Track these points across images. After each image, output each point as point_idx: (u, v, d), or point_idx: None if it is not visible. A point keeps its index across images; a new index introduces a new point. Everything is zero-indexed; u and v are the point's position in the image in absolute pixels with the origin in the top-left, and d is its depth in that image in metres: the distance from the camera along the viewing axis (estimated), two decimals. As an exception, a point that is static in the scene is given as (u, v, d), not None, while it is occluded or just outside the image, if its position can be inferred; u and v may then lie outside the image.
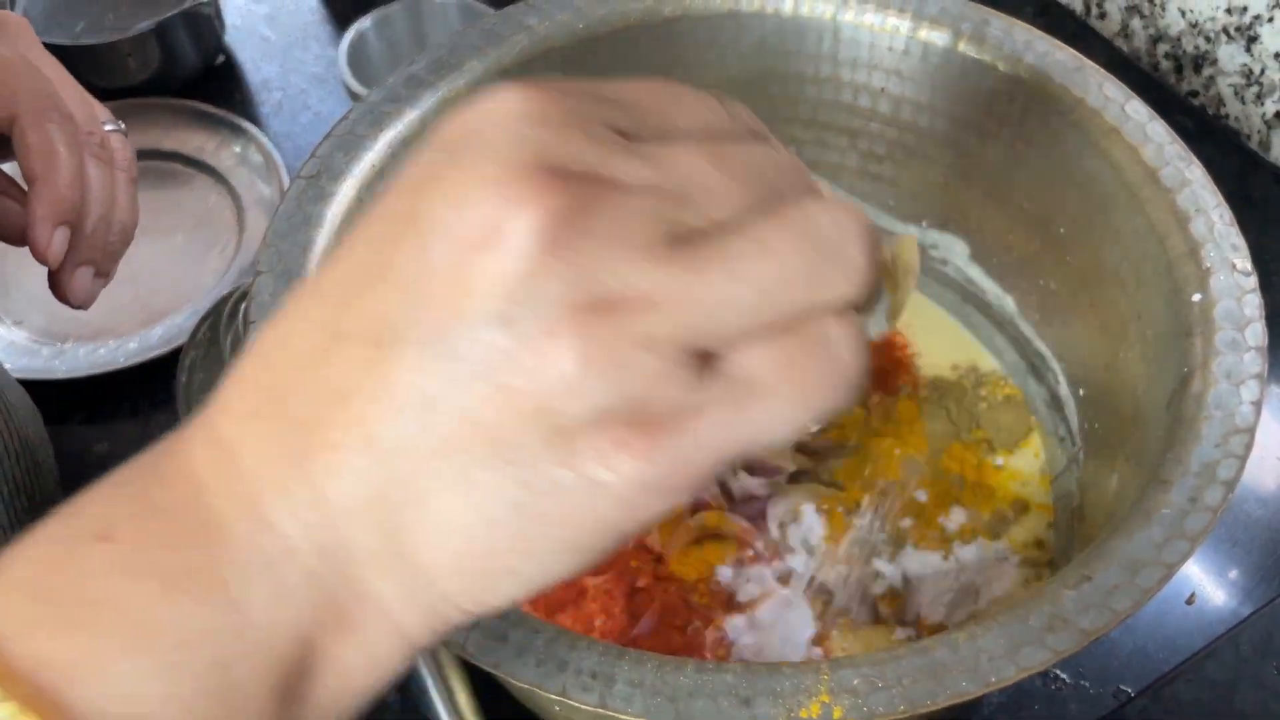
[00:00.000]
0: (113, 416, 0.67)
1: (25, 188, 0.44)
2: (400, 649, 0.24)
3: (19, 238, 0.46)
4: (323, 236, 0.48)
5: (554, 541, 0.22)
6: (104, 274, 0.47)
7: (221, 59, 0.89)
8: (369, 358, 0.21)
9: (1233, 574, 0.59)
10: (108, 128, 0.48)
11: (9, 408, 0.56)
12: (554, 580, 0.23)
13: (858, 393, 0.23)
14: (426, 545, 0.22)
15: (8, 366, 0.65)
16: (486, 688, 0.45)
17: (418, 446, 0.21)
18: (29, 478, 0.55)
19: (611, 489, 0.21)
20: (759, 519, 0.56)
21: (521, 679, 0.35)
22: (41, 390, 0.66)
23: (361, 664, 0.23)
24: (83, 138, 0.45)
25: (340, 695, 0.23)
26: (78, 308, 0.47)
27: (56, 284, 0.46)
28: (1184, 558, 0.38)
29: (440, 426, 0.21)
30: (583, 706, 0.35)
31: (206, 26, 0.84)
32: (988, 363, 0.63)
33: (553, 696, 0.35)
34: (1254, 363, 0.43)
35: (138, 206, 0.48)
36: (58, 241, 0.44)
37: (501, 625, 0.36)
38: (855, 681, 0.35)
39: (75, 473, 0.64)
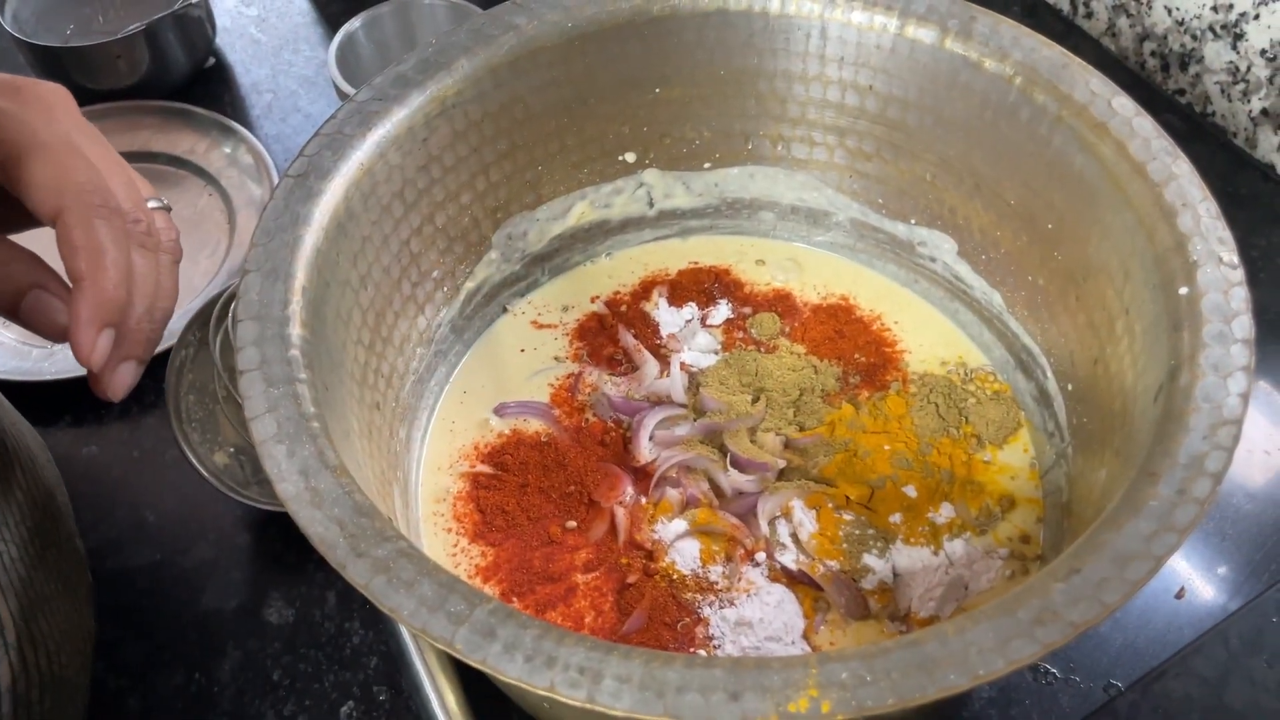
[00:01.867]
0: (102, 418, 0.67)
1: (68, 283, 0.41)
2: None
3: (60, 336, 0.43)
4: (311, 235, 0.48)
5: None
6: (144, 362, 0.44)
7: (212, 61, 0.89)
8: None
9: (1222, 569, 0.59)
10: (152, 205, 0.45)
11: (32, 458, 0.56)
12: None
13: None
14: None
15: (-4, 368, 0.65)
16: (479, 684, 0.45)
17: None
18: (53, 525, 0.55)
19: None
20: (749, 515, 0.56)
21: (510, 675, 0.35)
22: (30, 392, 0.66)
23: None
24: (130, 228, 0.42)
25: None
26: (115, 401, 0.45)
27: (97, 382, 0.43)
28: (1172, 550, 0.38)
29: None
30: (571, 702, 0.35)
31: (196, 28, 0.84)
32: (976, 358, 0.63)
33: (541, 692, 0.35)
34: (1241, 355, 0.43)
35: (178, 286, 0.46)
36: (102, 345, 0.41)
37: (490, 622, 0.36)
38: (844, 675, 0.35)
39: (65, 475, 0.63)
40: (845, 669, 0.35)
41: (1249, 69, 0.75)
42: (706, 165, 0.66)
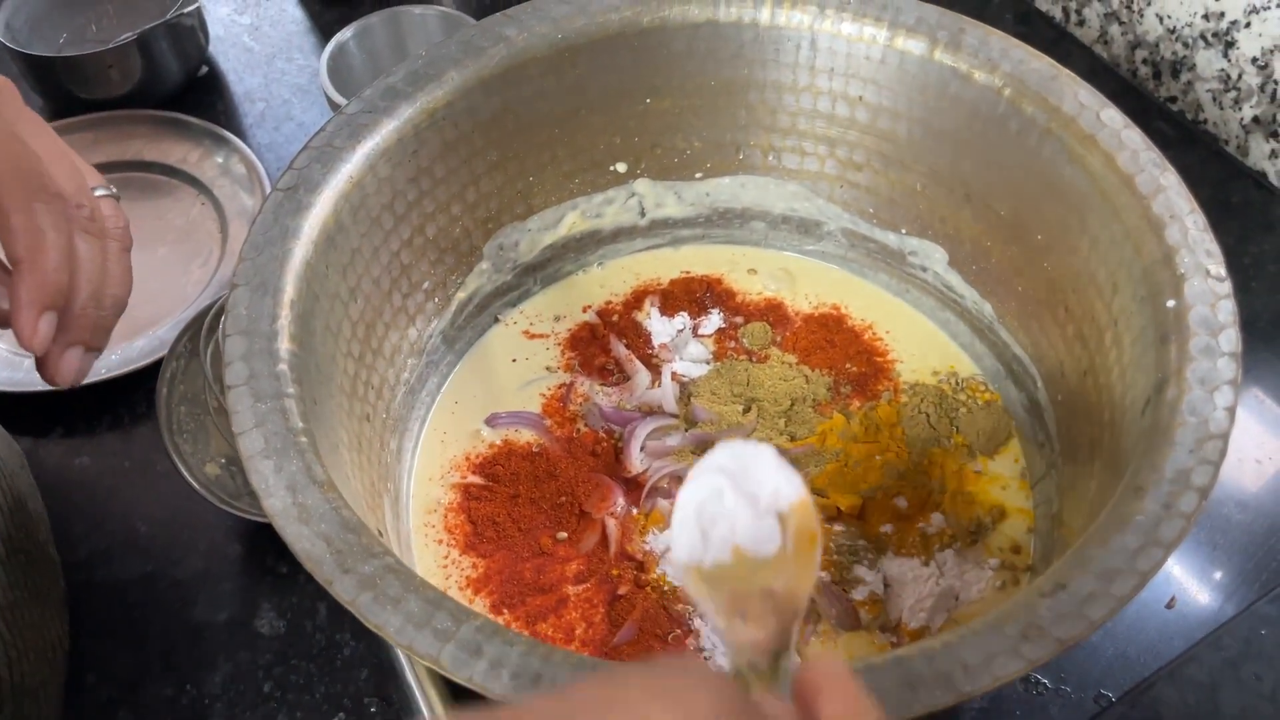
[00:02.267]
0: (94, 429, 0.67)
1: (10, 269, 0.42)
2: None
3: (3, 322, 0.43)
4: (300, 249, 0.48)
5: None
6: (95, 349, 0.45)
7: (204, 70, 0.89)
8: None
9: (1213, 577, 0.59)
10: (99, 193, 0.45)
11: (2, 464, 0.55)
12: None
13: None
14: None
15: (-12, 380, 0.65)
16: (470, 696, 0.45)
17: None
18: (22, 533, 0.55)
19: None
20: (740, 527, 0.56)
21: (495, 692, 0.35)
22: (22, 403, 0.66)
23: None
24: (72, 213, 0.42)
25: None
26: (67, 388, 0.45)
27: (43, 366, 0.43)
28: (1158, 565, 0.38)
29: None
30: (557, 719, 0.35)
31: (189, 38, 0.84)
32: (967, 368, 0.63)
33: (527, 709, 0.35)
34: (1228, 368, 0.43)
35: (131, 275, 0.45)
36: (43, 328, 0.41)
37: (476, 638, 0.36)
38: (830, 691, 0.35)
39: (56, 485, 0.63)
40: (831, 685, 0.35)
41: (1240, 77, 0.75)
42: (698, 175, 0.66)
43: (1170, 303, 0.45)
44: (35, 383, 0.67)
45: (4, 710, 0.49)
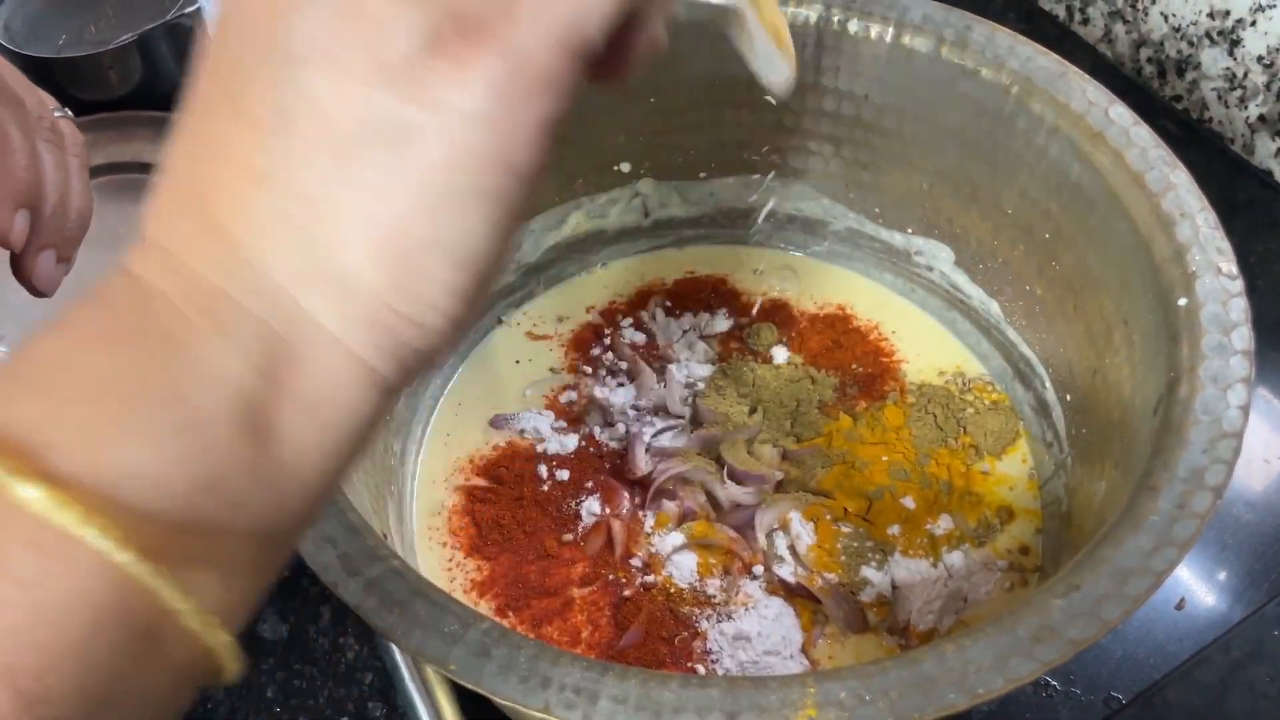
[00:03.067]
0: (95, 432, 0.67)
1: None
2: (357, 374, 0.24)
3: None
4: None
5: (451, 193, 0.22)
6: (65, 259, 0.46)
7: (204, 71, 0.88)
8: (234, 110, 0.23)
9: (1222, 578, 0.59)
10: (55, 113, 0.47)
11: None
12: (481, 249, 0.23)
13: None
14: (340, 247, 0.23)
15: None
16: (474, 701, 0.45)
17: (291, 160, 0.22)
18: None
19: (471, 110, 0.22)
20: (746, 528, 0.55)
21: (504, 696, 0.35)
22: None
23: (321, 393, 0.24)
24: (33, 123, 0.44)
25: (311, 430, 0.24)
26: (42, 294, 0.47)
27: (20, 268, 0.45)
28: (1172, 565, 0.37)
29: (306, 131, 0.22)
30: (566, 723, 0.34)
31: (189, 39, 0.84)
32: (974, 368, 0.63)
33: (536, 713, 0.34)
34: (1241, 367, 0.42)
35: (91, 192, 0.47)
36: (19, 224, 0.43)
37: (484, 642, 0.36)
38: (842, 694, 0.34)
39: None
40: (843, 688, 0.35)
41: (1246, 75, 0.75)
42: (702, 175, 0.65)
43: (1181, 301, 0.45)
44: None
45: None
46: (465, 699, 0.44)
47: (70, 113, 0.48)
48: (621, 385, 0.62)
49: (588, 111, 0.60)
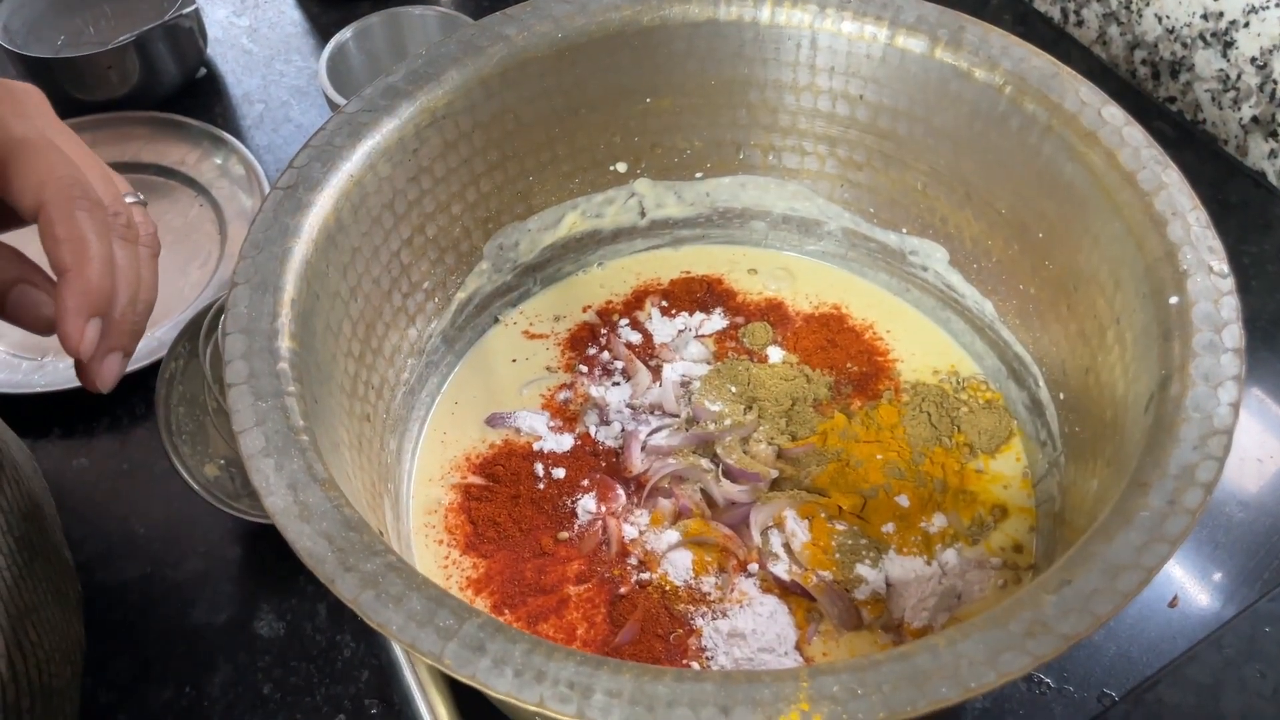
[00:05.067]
0: (92, 430, 0.67)
1: (53, 277, 0.42)
2: None
3: (46, 329, 0.44)
4: (300, 248, 0.48)
5: None
6: (129, 353, 0.45)
7: (203, 72, 0.89)
8: None
9: (1215, 577, 0.59)
10: (128, 200, 0.46)
11: (16, 468, 0.56)
12: None
13: None
14: None
15: (-14, 381, 0.64)
16: (470, 698, 0.45)
17: None
18: (41, 537, 0.55)
19: None
20: (742, 526, 0.56)
21: (499, 691, 0.35)
22: (20, 404, 0.66)
23: None
24: (110, 221, 0.42)
25: None
26: (104, 392, 0.45)
27: (85, 373, 0.44)
28: (1163, 561, 0.38)
29: None
30: (561, 717, 0.34)
31: (187, 39, 0.84)
32: (968, 367, 0.63)
33: (530, 707, 0.35)
34: (1232, 365, 0.43)
35: (158, 279, 0.46)
36: (90, 334, 0.42)
37: (479, 636, 0.36)
38: (835, 689, 0.35)
39: (55, 487, 0.63)
40: (836, 682, 0.35)
41: (1239, 77, 0.75)
42: (698, 175, 0.66)
43: (1173, 299, 0.45)
44: (33, 384, 0.67)
45: (36, 711, 0.49)
46: (461, 695, 0.44)
47: (141, 196, 0.47)
48: (617, 384, 0.62)
49: (584, 112, 0.61)
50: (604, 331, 0.65)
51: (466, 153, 0.57)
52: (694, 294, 0.66)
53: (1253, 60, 0.74)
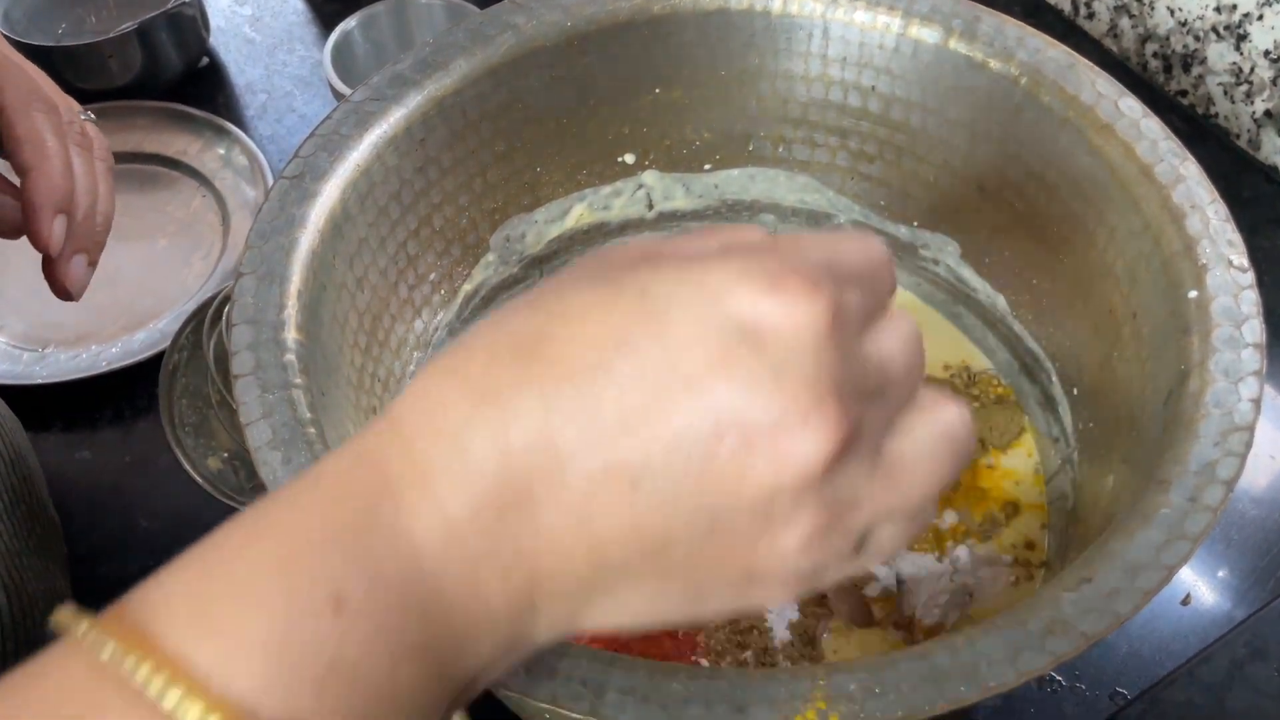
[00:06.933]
0: (94, 423, 0.66)
1: (14, 181, 0.45)
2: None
3: (14, 231, 0.46)
4: (306, 238, 0.47)
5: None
6: (94, 262, 0.47)
7: (205, 61, 0.88)
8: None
9: (1227, 574, 0.58)
10: (82, 117, 0.48)
11: None
12: (703, 615, 0.28)
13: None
14: (595, 618, 0.27)
15: (-13, 372, 0.64)
16: (479, 697, 0.44)
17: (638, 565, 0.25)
18: (24, 485, 0.54)
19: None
20: (751, 522, 0.55)
21: (509, 688, 0.34)
22: (21, 396, 0.65)
23: (491, 678, 0.27)
24: (65, 126, 0.45)
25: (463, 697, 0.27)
26: (71, 298, 0.48)
27: (53, 274, 0.46)
28: (1185, 559, 0.37)
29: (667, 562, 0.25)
30: (573, 715, 0.34)
31: (190, 28, 0.83)
32: (980, 362, 0.62)
33: (542, 705, 0.34)
34: (1252, 359, 0.42)
35: (114, 193, 0.49)
36: (58, 230, 0.44)
37: (490, 632, 0.35)
38: (852, 687, 0.34)
39: (57, 479, 0.63)
40: (853, 680, 0.34)
41: (1252, 70, 0.74)
42: (707, 167, 0.65)
43: (1192, 294, 0.44)
44: (34, 375, 0.66)
45: (20, 657, 0.49)
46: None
47: (94, 116, 0.50)
48: (625, 378, 0.62)
49: (592, 102, 0.60)
50: (611, 325, 0.64)
51: (474, 143, 0.57)
52: (702, 287, 0.66)
53: (1266, 54, 0.73)
